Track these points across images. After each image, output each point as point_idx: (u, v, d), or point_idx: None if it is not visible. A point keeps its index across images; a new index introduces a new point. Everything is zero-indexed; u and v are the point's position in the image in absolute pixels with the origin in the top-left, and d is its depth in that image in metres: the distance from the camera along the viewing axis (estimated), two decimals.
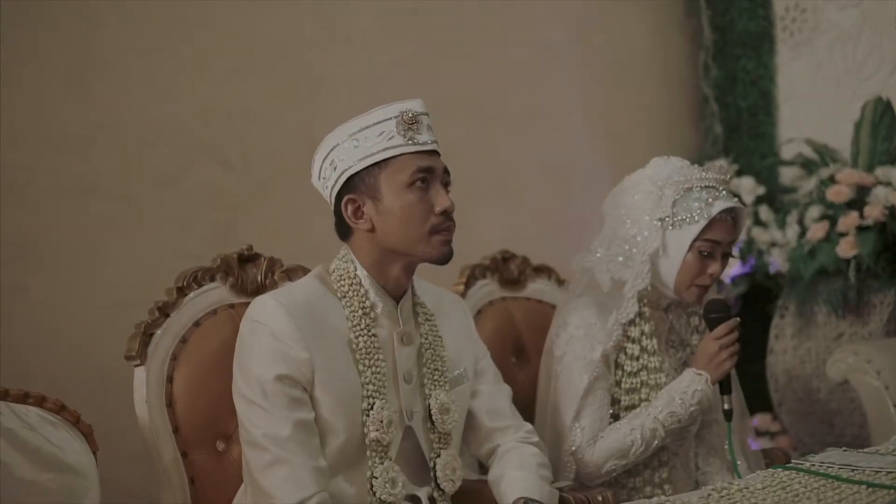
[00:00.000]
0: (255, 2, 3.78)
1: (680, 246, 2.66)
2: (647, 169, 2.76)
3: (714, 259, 2.68)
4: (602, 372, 2.70)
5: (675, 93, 5.21)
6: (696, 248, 2.65)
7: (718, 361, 2.65)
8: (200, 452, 2.42)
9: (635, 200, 2.72)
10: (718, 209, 2.64)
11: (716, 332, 2.67)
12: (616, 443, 2.65)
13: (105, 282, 3.31)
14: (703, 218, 2.63)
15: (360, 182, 2.28)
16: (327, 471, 2.19)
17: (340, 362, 2.24)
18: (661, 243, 2.67)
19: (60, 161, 3.31)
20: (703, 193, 2.65)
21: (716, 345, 2.66)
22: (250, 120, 3.72)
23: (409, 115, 2.30)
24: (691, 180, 2.67)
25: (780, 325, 4.59)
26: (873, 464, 2.29)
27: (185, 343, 2.45)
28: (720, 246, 2.68)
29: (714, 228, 2.65)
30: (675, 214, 2.65)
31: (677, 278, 2.68)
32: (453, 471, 2.37)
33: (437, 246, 2.29)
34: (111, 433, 2.47)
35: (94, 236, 3.36)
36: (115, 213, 3.40)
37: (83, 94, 3.37)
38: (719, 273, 2.71)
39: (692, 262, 2.67)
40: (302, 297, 2.28)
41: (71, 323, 3.23)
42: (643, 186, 2.72)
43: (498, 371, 2.61)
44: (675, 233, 2.66)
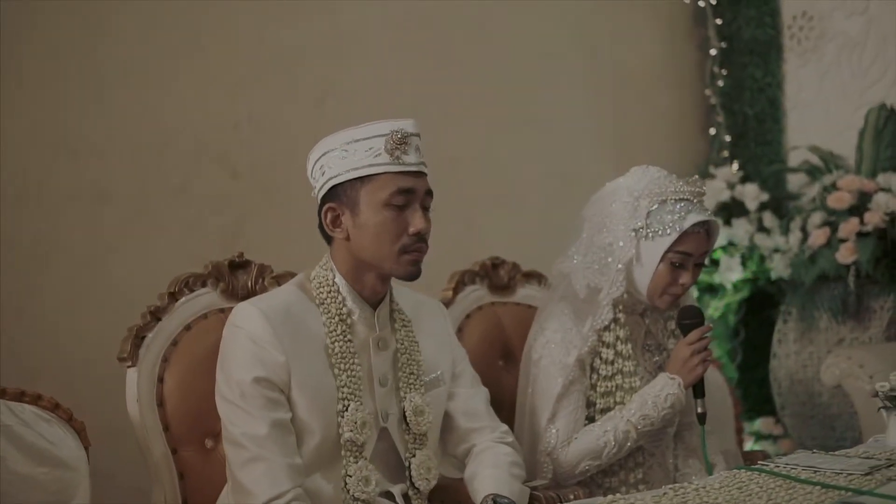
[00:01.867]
0: (265, 13, 3.89)
1: (652, 256, 2.73)
2: (626, 178, 2.83)
3: (686, 269, 2.76)
4: (577, 376, 2.78)
5: (683, 100, 5.25)
6: (668, 259, 2.72)
7: (691, 366, 2.72)
8: (189, 449, 2.52)
9: (612, 209, 2.79)
10: (691, 222, 2.70)
11: (688, 337, 2.75)
12: (589, 444, 2.73)
13: (116, 285, 3.43)
14: (675, 231, 2.70)
15: (342, 192, 2.37)
16: (303, 468, 2.30)
17: (317, 366, 2.34)
18: (635, 252, 2.74)
19: (74, 167, 3.44)
20: (678, 206, 2.72)
21: (688, 350, 2.73)
22: (258, 128, 3.84)
23: (399, 135, 2.35)
24: (666, 192, 2.74)
25: (783, 330, 4.63)
26: (836, 466, 2.35)
27: (176, 346, 2.55)
28: (692, 258, 2.75)
29: (686, 241, 2.72)
30: (649, 226, 2.72)
31: (650, 287, 2.76)
32: (428, 470, 2.47)
33: (405, 265, 2.37)
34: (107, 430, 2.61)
35: (107, 240, 3.49)
36: (127, 218, 3.53)
37: (97, 102, 3.50)
38: (690, 283, 2.78)
39: (664, 273, 2.74)
40: (281, 303, 2.39)
41: (83, 325, 3.36)
42: (620, 196, 2.79)
43: (476, 374, 2.70)
44: (649, 243, 2.73)
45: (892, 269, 4.26)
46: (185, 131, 3.68)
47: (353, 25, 4.14)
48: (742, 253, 4.79)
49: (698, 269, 2.81)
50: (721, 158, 5.17)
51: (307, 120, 3.85)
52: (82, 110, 3.47)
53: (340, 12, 4.11)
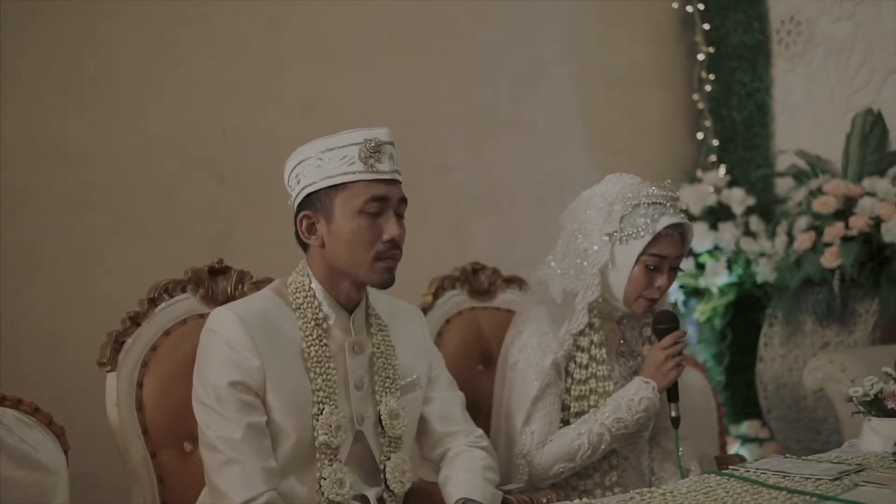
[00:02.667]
0: (250, 22, 3.93)
1: (627, 260, 2.75)
2: (601, 185, 2.87)
3: (661, 273, 2.78)
4: (553, 379, 2.81)
5: (671, 105, 5.27)
6: (643, 262, 2.75)
7: (665, 370, 2.75)
8: (168, 453, 2.55)
9: (587, 216, 2.82)
10: (663, 225, 2.73)
11: (663, 342, 2.78)
12: (563, 447, 2.76)
13: (103, 291, 3.47)
14: (648, 233, 2.72)
15: (317, 200, 2.41)
16: (277, 471, 2.33)
17: (292, 370, 2.37)
18: (610, 257, 2.77)
19: (61, 175, 3.48)
20: (650, 210, 2.75)
21: (662, 354, 2.76)
22: (244, 136, 3.87)
23: (373, 143, 2.38)
24: (639, 197, 2.76)
25: (769, 334, 4.65)
26: (805, 471, 2.37)
27: (156, 351, 2.59)
28: (666, 260, 2.77)
29: (660, 243, 2.74)
30: (623, 230, 2.75)
31: (626, 291, 2.78)
32: (402, 473, 2.50)
33: (379, 272, 2.40)
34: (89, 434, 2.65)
35: (94, 248, 3.53)
36: (114, 225, 3.58)
37: (83, 111, 3.55)
38: (666, 286, 2.80)
39: (639, 276, 2.76)
40: (257, 308, 2.42)
41: (69, 331, 3.40)
42: (595, 202, 2.82)
43: (452, 379, 2.73)
44: (623, 247, 2.75)
45: (877, 273, 4.27)
46: (171, 139, 3.72)
47: (339, 33, 4.18)
48: (728, 257, 4.80)
49: (674, 272, 2.83)
50: (709, 163, 5.18)
51: (292, 127, 3.88)
52: (69, 118, 3.52)
53: (326, 20, 4.15)
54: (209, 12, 3.82)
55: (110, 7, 3.58)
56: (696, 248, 4.81)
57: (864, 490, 2.21)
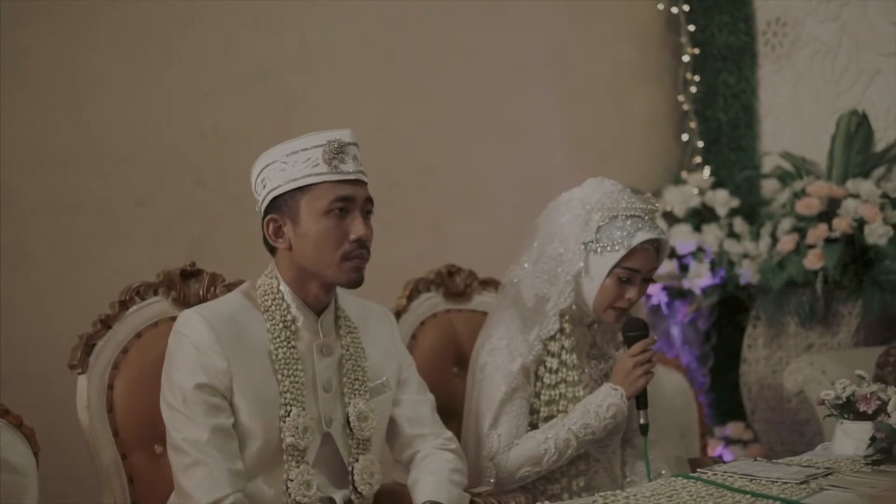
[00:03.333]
0: (232, 24, 3.93)
1: (600, 270, 2.76)
2: (581, 189, 2.87)
3: (633, 285, 2.78)
4: (521, 383, 2.82)
5: (656, 107, 5.25)
6: (616, 274, 2.76)
7: (633, 378, 2.76)
8: (139, 455, 2.56)
9: (564, 221, 2.83)
10: (639, 240, 2.73)
11: (632, 349, 2.79)
12: (530, 451, 2.77)
13: (83, 294, 3.46)
14: (623, 248, 2.73)
15: (283, 203, 2.43)
16: (244, 473, 2.34)
17: (259, 372, 2.38)
18: (584, 265, 2.78)
19: (41, 178, 3.49)
20: (628, 223, 2.75)
21: (631, 362, 2.77)
22: (225, 138, 3.87)
23: (336, 144, 2.41)
24: (618, 208, 2.77)
25: (753, 335, 4.64)
26: (773, 474, 2.38)
27: (126, 353, 2.60)
28: (639, 274, 2.78)
29: (634, 257, 2.75)
30: (599, 241, 2.76)
31: (596, 300, 2.79)
32: (371, 475, 2.51)
33: (347, 272, 2.42)
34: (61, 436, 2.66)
35: (74, 250, 3.53)
36: (94, 228, 3.58)
37: (63, 113, 3.56)
38: (637, 299, 2.82)
39: (611, 287, 2.77)
40: (225, 310, 2.44)
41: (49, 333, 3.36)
42: (573, 208, 2.83)
43: (422, 381, 2.74)
44: (597, 258, 2.76)
45: (860, 274, 4.26)
46: (152, 141, 3.72)
47: (321, 35, 4.18)
48: (712, 259, 4.79)
49: (646, 284, 2.84)
50: (694, 164, 5.18)
51: (274, 130, 3.80)
52: (48, 121, 3.52)
53: (308, 23, 4.15)
54: (191, 15, 3.82)
55: (91, 10, 3.59)
56: (680, 250, 4.80)
57: (828, 494, 2.23)
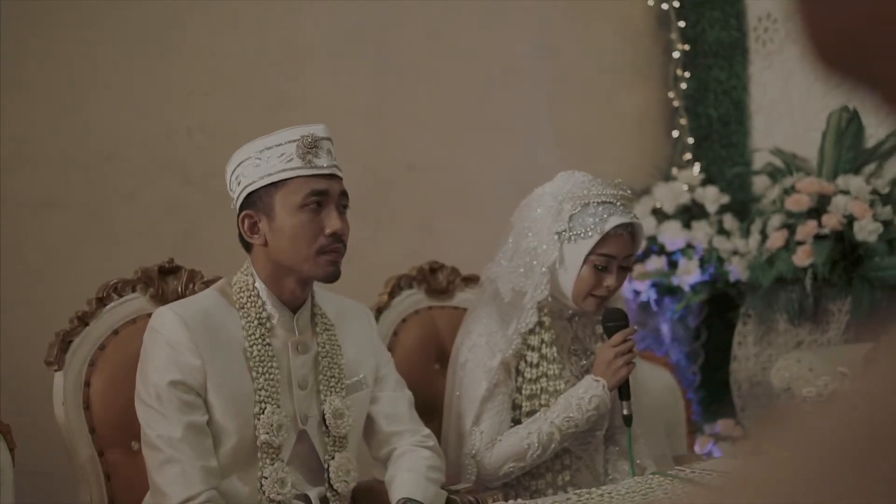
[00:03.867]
0: (218, 21, 3.93)
1: (575, 259, 2.74)
2: (552, 184, 2.86)
3: (609, 272, 2.76)
4: (502, 378, 2.80)
5: (646, 103, 5.23)
6: (591, 261, 2.73)
7: (615, 368, 2.74)
8: (116, 452, 2.56)
9: (537, 214, 2.81)
10: (612, 224, 2.71)
11: (612, 339, 2.76)
12: (513, 446, 2.75)
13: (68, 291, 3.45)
14: (596, 233, 2.71)
15: (258, 199, 2.43)
16: (218, 471, 2.34)
17: (234, 369, 2.38)
18: (559, 256, 2.76)
19: (25, 176, 3.48)
20: (600, 209, 2.73)
21: (612, 352, 2.74)
22: (211, 135, 3.86)
23: (309, 139, 2.41)
24: (589, 196, 2.75)
25: (743, 332, 4.63)
26: None
27: (104, 350, 2.60)
28: (615, 260, 2.75)
29: (608, 243, 2.73)
30: (572, 229, 2.74)
31: (574, 290, 2.77)
32: (347, 472, 2.50)
33: (324, 266, 2.41)
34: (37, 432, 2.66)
35: (58, 248, 3.53)
36: (79, 225, 3.57)
37: (48, 110, 3.55)
38: (615, 286, 2.78)
39: (587, 275, 2.75)
40: (200, 307, 2.43)
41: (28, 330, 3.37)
42: (545, 201, 2.81)
43: (401, 378, 2.73)
44: (571, 246, 2.74)
45: (850, 271, 4.25)
46: (137, 139, 3.72)
47: (308, 33, 4.17)
48: (701, 255, 4.78)
49: (624, 271, 2.81)
50: (684, 161, 5.17)
51: (261, 127, 3.78)
52: (33, 118, 3.52)
53: (295, 20, 4.14)
54: (177, 13, 3.82)
55: (75, 9, 3.59)
56: (669, 246, 4.80)
57: None
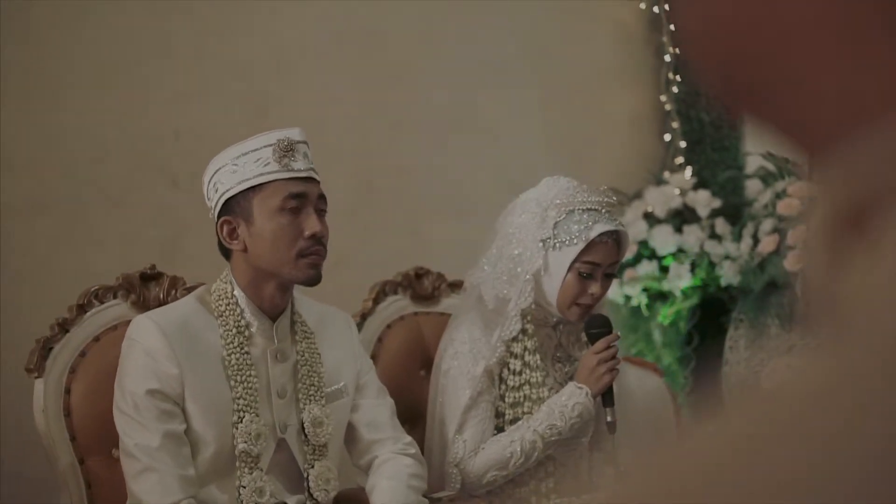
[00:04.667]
0: (205, 25, 3.91)
1: (560, 267, 2.72)
2: (536, 189, 2.84)
3: (594, 280, 2.74)
4: (485, 386, 2.79)
5: (638, 106, 5.20)
6: (576, 269, 2.71)
7: (598, 375, 2.72)
8: (96, 459, 2.54)
9: (521, 220, 2.79)
10: (597, 232, 2.69)
11: (595, 346, 2.74)
12: (496, 454, 2.73)
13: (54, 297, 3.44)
14: (581, 241, 2.69)
15: (235, 205, 2.42)
16: (195, 479, 2.33)
17: (212, 378, 2.37)
18: (543, 263, 2.74)
19: (10, 180, 3.46)
20: (584, 216, 2.71)
21: (595, 359, 2.72)
22: (199, 139, 3.80)
23: (286, 142, 2.41)
24: (574, 203, 2.73)
25: (735, 337, 4.62)
26: None
27: (84, 357, 2.58)
28: (600, 268, 2.73)
29: (593, 251, 2.71)
30: (556, 236, 2.72)
31: (559, 298, 2.75)
32: (327, 481, 2.49)
33: (304, 269, 2.40)
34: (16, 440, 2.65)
35: (44, 253, 3.51)
36: (64, 230, 3.56)
37: (33, 114, 3.53)
38: (600, 294, 2.77)
39: (572, 283, 2.73)
40: (178, 315, 2.43)
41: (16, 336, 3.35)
42: (529, 207, 2.79)
43: (382, 386, 2.71)
44: (556, 254, 2.72)
45: None
46: (123, 142, 3.70)
47: (296, 35, 4.15)
48: (692, 260, 4.76)
49: (609, 279, 2.80)
50: (676, 165, 5.14)
51: (249, 131, 3.77)
52: (18, 122, 3.50)
53: (282, 23, 4.13)
54: (162, 15, 3.80)
55: (59, 10, 3.57)
56: (660, 251, 4.78)
57: None
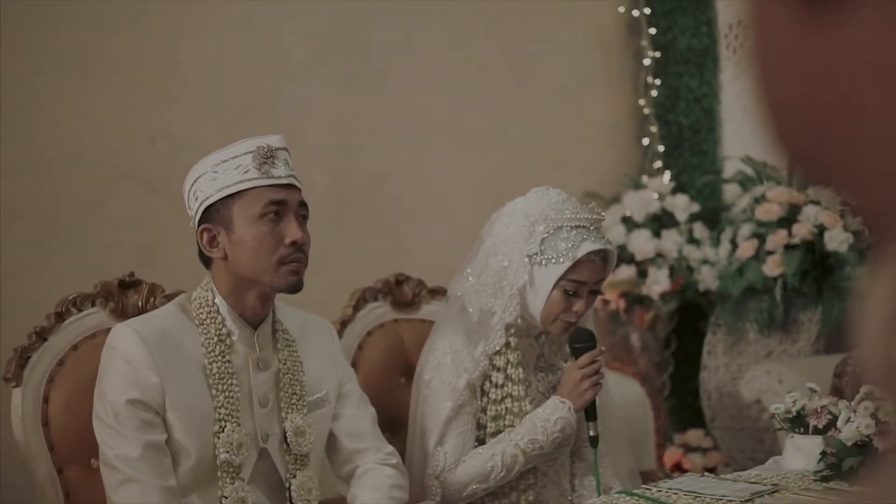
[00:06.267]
0: (182, 26, 3.89)
1: (545, 283, 2.70)
2: (524, 200, 2.81)
3: (579, 297, 2.72)
4: (467, 399, 2.77)
5: (616, 110, 5.21)
6: (561, 286, 2.69)
7: (581, 390, 2.71)
8: (75, 469, 2.50)
9: (508, 232, 2.77)
10: (584, 251, 2.67)
11: (579, 361, 2.73)
12: (477, 467, 2.71)
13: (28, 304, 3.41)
14: (568, 259, 2.67)
15: (215, 213, 2.39)
16: (177, 490, 2.30)
17: (193, 387, 2.34)
18: (529, 278, 2.72)
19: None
20: (572, 234, 2.69)
21: (578, 374, 2.71)
22: (174, 144, 3.82)
23: (265, 149, 2.38)
24: (562, 219, 2.70)
25: (713, 342, 4.63)
26: (717, 491, 2.36)
27: (63, 365, 2.54)
28: (586, 286, 2.72)
29: (580, 269, 2.69)
30: (543, 252, 2.69)
31: (543, 313, 2.73)
32: (308, 491, 2.46)
33: (285, 276, 2.38)
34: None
35: (19, 258, 3.47)
36: (40, 235, 3.52)
37: (7, 118, 3.49)
38: (584, 311, 2.75)
39: (557, 300, 2.71)
40: (158, 323, 2.39)
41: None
42: (517, 219, 2.77)
43: (364, 395, 2.69)
44: (542, 269, 2.70)
45: (820, 281, 4.25)
46: (99, 146, 3.67)
47: (274, 39, 4.14)
48: (671, 264, 4.76)
49: (593, 296, 2.79)
50: (654, 169, 5.15)
51: (226, 135, 3.75)
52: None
53: (261, 26, 4.11)
54: (140, 17, 3.77)
55: (34, 11, 3.53)
56: (638, 255, 4.78)
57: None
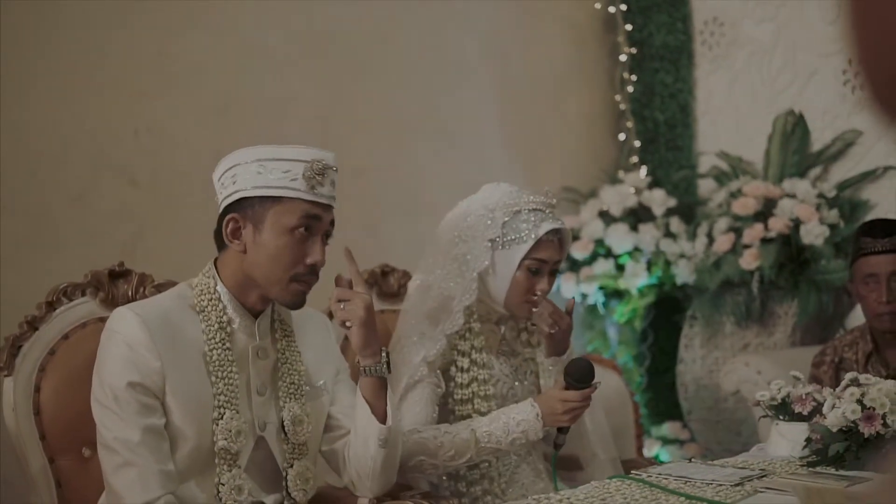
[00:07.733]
0: (167, 21, 3.88)
1: (509, 264, 2.81)
2: (479, 195, 2.93)
3: (542, 276, 2.84)
4: (424, 375, 2.82)
5: (593, 106, 5.26)
6: (525, 266, 2.80)
7: (557, 418, 2.72)
8: (67, 458, 2.52)
9: (468, 223, 2.87)
10: (545, 230, 2.79)
11: (569, 394, 2.70)
12: (426, 441, 2.74)
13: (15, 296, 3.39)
14: (530, 238, 2.79)
15: (249, 207, 2.37)
16: (175, 475, 2.30)
17: (193, 373, 2.34)
18: (490, 262, 2.82)
19: None
20: (531, 216, 2.81)
21: (562, 406, 2.70)
22: (159, 137, 3.82)
23: (320, 165, 2.37)
24: (520, 203, 2.83)
25: (690, 335, 4.68)
26: (707, 476, 2.39)
27: (54, 355, 2.55)
28: (547, 264, 2.83)
29: (541, 248, 2.81)
30: (505, 235, 2.81)
31: (507, 296, 2.84)
32: (305, 480, 2.48)
33: (293, 294, 2.41)
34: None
35: (4, 252, 3.44)
36: (25, 229, 3.50)
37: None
38: (547, 290, 2.85)
39: (521, 280, 2.82)
40: (160, 309, 2.39)
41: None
42: (475, 210, 2.87)
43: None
44: (505, 252, 2.81)
45: (796, 274, 4.31)
46: (83, 140, 3.65)
47: (257, 35, 4.14)
48: (648, 258, 4.81)
49: (553, 276, 2.89)
50: (630, 164, 5.19)
51: (209, 130, 3.84)
52: None
53: (244, 22, 4.11)
54: (123, 13, 3.76)
55: (21, 9, 3.51)
56: (616, 249, 4.82)
57: (763, 496, 2.24)
